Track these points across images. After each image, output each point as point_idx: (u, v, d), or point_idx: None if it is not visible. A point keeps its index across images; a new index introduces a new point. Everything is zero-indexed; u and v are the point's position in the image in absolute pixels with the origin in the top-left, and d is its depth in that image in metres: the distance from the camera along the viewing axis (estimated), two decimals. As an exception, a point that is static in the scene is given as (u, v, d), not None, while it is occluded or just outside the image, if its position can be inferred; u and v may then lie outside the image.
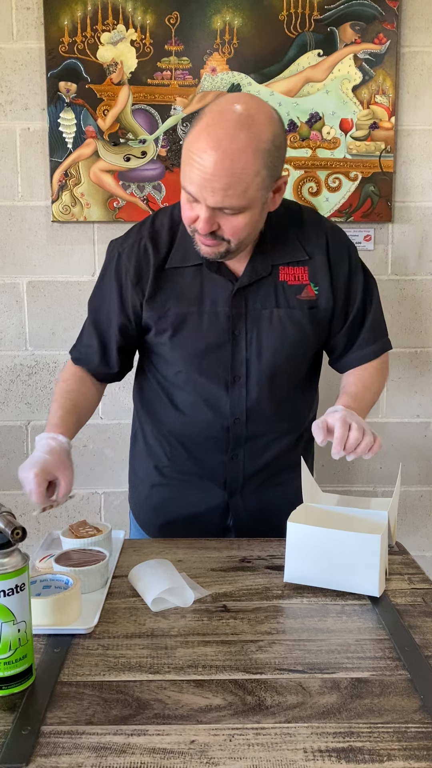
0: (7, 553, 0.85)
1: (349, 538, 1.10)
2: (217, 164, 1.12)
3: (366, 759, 0.73)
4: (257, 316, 1.34)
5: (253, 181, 1.15)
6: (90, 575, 1.10)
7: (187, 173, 1.16)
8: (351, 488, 2.20)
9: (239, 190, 1.15)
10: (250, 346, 1.35)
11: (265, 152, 1.15)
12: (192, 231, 1.25)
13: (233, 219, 1.19)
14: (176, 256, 1.34)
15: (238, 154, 1.12)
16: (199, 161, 1.13)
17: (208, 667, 0.91)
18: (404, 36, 2.00)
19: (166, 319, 1.34)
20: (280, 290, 1.34)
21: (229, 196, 1.15)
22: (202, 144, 1.13)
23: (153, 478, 1.50)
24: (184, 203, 1.22)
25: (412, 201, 2.08)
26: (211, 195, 1.15)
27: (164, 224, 1.36)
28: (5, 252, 2.08)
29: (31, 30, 1.97)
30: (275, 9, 1.95)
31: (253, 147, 1.13)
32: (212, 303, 1.33)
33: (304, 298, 1.35)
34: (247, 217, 1.20)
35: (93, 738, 0.77)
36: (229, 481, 1.43)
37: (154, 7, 1.94)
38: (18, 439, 2.16)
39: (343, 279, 1.37)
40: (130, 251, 1.35)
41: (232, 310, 1.33)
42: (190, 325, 1.34)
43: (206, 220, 1.18)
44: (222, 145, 1.12)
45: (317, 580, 1.13)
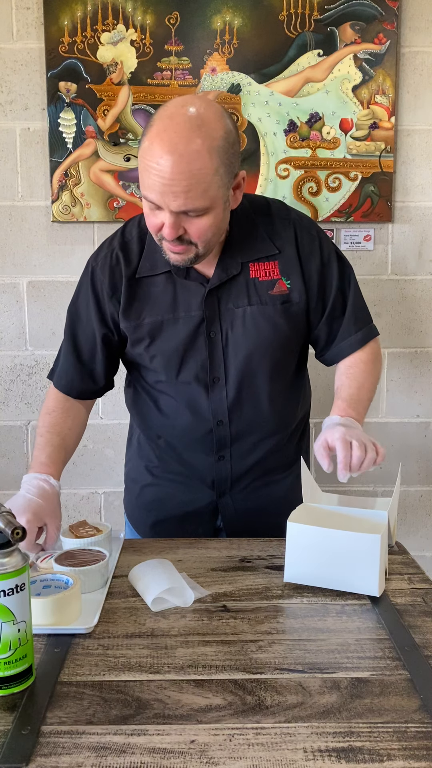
0: (7, 553, 0.85)
1: (349, 538, 1.10)
2: (174, 168, 1.12)
3: (366, 759, 0.73)
4: (231, 316, 1.33)
5: (212, 180, 1.15)
6: (90, 575, 1.10)
7: (146, 181, 1.16)
8: (351, 488, 2.19)
9: (200, 191, 1.14)
10: (226, 347, 1.34)
11: (220, 149, 1.15)
12: (159, 239, 1.24)
13: (198, 221, 1.19)
14: (145, 265, 1.34)
15: (194, 155, 1.12)
16: (156, 167, 1.13)
17: (208, 667, 0.91)
18: (404, 36, 2.00)
19: (141, 328, 1.34)
20: (251, 287, 1.33)
21: (191, 198, 1.15)
22: (157, 150, 1.12)
23: (144, 478, 1.50)
24: (147, 212, 1.21)
25: (412, 201, 2.08)
26: (173, 199, 1.15)
27: (133, 234, 1.36)
28: (5, 252, 2.08)
29: (31, 30, 1.97)
30: (275, 9, 1.95)
31: (207, 146, 1.13)
32: (186, 308, 1.33)
33: (276, 293, 1.34)
34: (211, 217, 1.19)
35: (93, 738, 0.77)
36: (216, 481, 1.43)
37: (154, 7, 1.94)
38: (18, 439, 2.16)
39: (316, 270, 1.35)
40: (104, 264, 1.36)
41: (206, 312, 1.33)
42: (166, 333, 1.34)
43: (171, 225, 1.18)
44: (177, 148, 1.11)
45: (317, 579, 1.13)
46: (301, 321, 1.38)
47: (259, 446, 1.42)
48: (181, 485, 1.46)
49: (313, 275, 1.36)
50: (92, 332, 1.39)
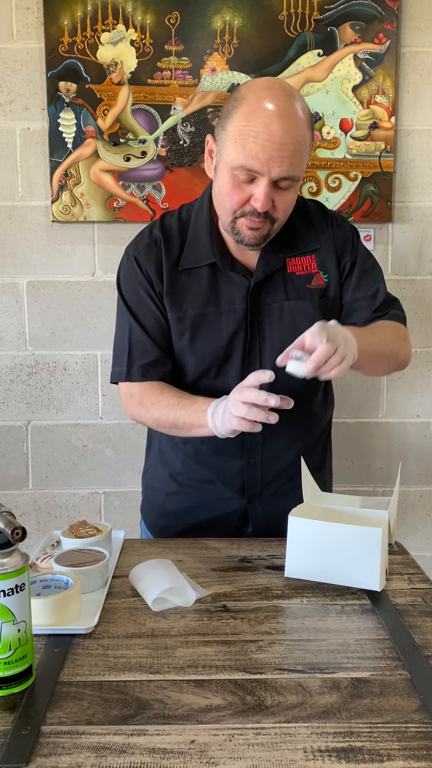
0: (7, 553, 0.85)
1: (351, 532, 1.10)
2: (286, 132, 1.14)
3: (366, 759, 0.73)
4: (268, 311, 1.34)
5: (307, 151, 1.21)
6: (90, 575, 1.10)
7: (248, 149, 1.16)
8: (351, 488, 2.19)
9: (299, 158, 1.18)
10: (263, 342, 1.34)
11: (310, 124, 1.21)
12: (235, 218, 1.24)
13: (286, 194, 1.21)
14: (189, 257, 1.33)
15: (300, 122, 1.17)
16: (265, 132, 1.14)
17: (208, 667, 0.91)
18: (404, 36, 2.00)
19: (184, 321, 1.33)
20: (289, 282, 1.34)
21: (294, 165, 1.18)
22: (264, 116, 1.15)
23: (168, 486, 1.47)
24: (232, 188, 1.21)
25: (412, 201, 2.08)
26: (279, 165, 1.16)
27: (173, 226, 1.36)
28: (5, 252, 2.08)
29: (31, 30, 1.97)
30: (275, 9, 1.95)
31: (305, 117, 1.19)
32: (229, 301, 1.33)
33: (314, 287, 1.34)
34: (295, 191, 1.23)
35: (93, 738, 0.77)
36: (247, 486, 1.40)
37: (154, 7, 1.94)
38: (18, 439, 2.16)
39: (350, 261, 1.37)
40: (147, 252, 1.35)
41: (250, 306, 1.33)
42: (209, 326, 1.33)
43: (267, 195, 1.18)
44: (284, 113, 1.15)
45: (318, 575, 1.14)
46: (336, 314, 1.38)
47: (288, 449, 1.40)
48: (209, 492, 1.42)
49: (347, 264, 1.37)
50: (157, 317, 1.35)
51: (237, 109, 1.18)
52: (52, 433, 2.16)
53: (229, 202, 1.23)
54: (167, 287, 1.33)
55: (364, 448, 2.21)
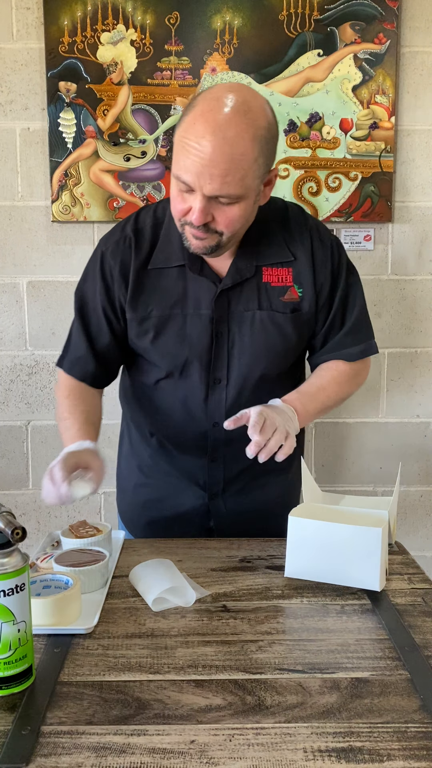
0: (7, 553, 0.85)
1: (351, 532, 1.10)
2: (216, 150, 1.09)
3: (366, 759, 0.73)
4: (240, 319, 1.31)
5: (250, 168, 1.13)
6: (90, 575, 1.10)
7: (182, 161, 1.13)
8: (351, 488, 2.20)
9: (237, 177, 1.12)
10: (232, 349, 1.32)
11: (262, 139, 1.14)
12: (182, 225, 1.21)
13: (228, 209, 1.16)
14: (159, 257, 1.31)
15: (237, 140, 1.10)
16: (197, 147, 1.10)
17: (208, 667, 0.91)
18: (404, 36, 2.00)
19: (148, 320, 1.32)
20: (263, 292, 1.31)
21: (227, 183, 1.12)
22: (199, 130, 1.10)
23: (137, 477, 1.49)
24: (176, 195, 1.18)
25: (412, 201, 2.08)
26: (209, 182, 1.12)
27: (147, 223, 1.33)
28: (5, 252, 2.08)
29: (31, 30, 1.97)
30: (275, 9, 1.95)
31: (251, 133, 1.11)
32: (195, 305, 1.31)
33: (287, 300, 1.32)
34: (242, 207, 1.17)
35: (93, 738, 0.77)
36: (209, 483, 1.42)
37: (154, 7, 1.94)
38: (18, 439, 2.16)
39: (326, 280, 1.34)
40: (115, 249, 1.33)
41: (216, 312, 1.30)
42: (172, 328, 1.32)
43: (201, 210, 1.15)
44: (221, 130, 1.09)
45: (318, 574, 1.14)
46: (308, 329, 1.37)
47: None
48: (173, 486, 1.44)
49: (324, 285, 1.34)
50: (102, 318, 1.35)
51: (185, 116, 1.15)
52: (52, 433, 2.16)
53: (174, 210, 1.21)
54: (133, 287, 1.31)
55: (364, 448, 2.21)
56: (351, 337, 1.38)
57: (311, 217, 1.39)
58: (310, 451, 2.20)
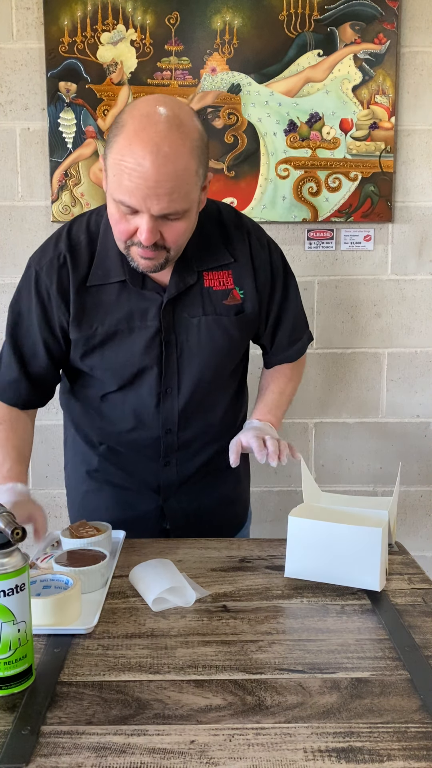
0: (7, 553, 0.85)
1: (351, 532, 1.10)
2: (160, 169, 1.06)
3: (366, 759, 0.73)
4: (186, 326, 1.29)
5: (192, 181, 1.11)
6: (90, 575, 1.10)
7: (123, 185, 1.09)
8: (351, 488, 2.20)
9: (183, 193, 1.10)
10: (180, 358, 1.31)
11: (198, 150, 1.11)
12: (128, 246, 1.18)
13: (175, 225, 1.14)
14: (97, 273, 1.27)
15: (177, 156, 1.07)
16: (138, 169, 1.06)
17: (208, 667, 0.91)
18: (404, 36, 2.00)
19: (94, 338, 1.28)
20: (206, 297, 1.29)
21: (174, 201, 1.10)
22: (138, 151, 1.06)
23: (87, 484, 1.46)
24: (118, 218, 1.14)
25: (412, 201, 2.08)
26: (156, 203, 1.09)
27: (81, 239, 1.28)
28: (5, 252, 2.08)
29: (31, 30, 1.97)
30: (275, 9, 1.95)
31: (188, 146, 1.09)
32: (141, 318, 1.27)
33: (230, 303, 1.31)
34: (188, 220, 1.16)
35: (93, 738, 0.77)
36: (163, 486, 1.41)
37: (154, 7, 1.94)
38: (18, 439, 2.16)
39: (266, 280, 1.34)
40: (50, 268, 1.27)
41: (163, 322, 1.28)
42: (119, 343, 1.28)
43: (150, 230, 1.11)
44: (161, 149, 1.06)
45: (318, 574, 1.14)
46: (253, 330, 1.38)
47: (205, 449, 1.41)
48: (125, 491, 1.43)
49: (264, 285, 1.34)
50: (37, 340, 1.30)
51: (116, 137, 1.10)
52: (52, 433, 2.16)
53: (117, 232, 1.17)
54: (75, 306, 1.27)
55: (364, 448, 2.21)
56: (292, 337, 1.44)
57: (245, 216, 1.37)
58: (310, 451, 2.20)
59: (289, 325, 1.41)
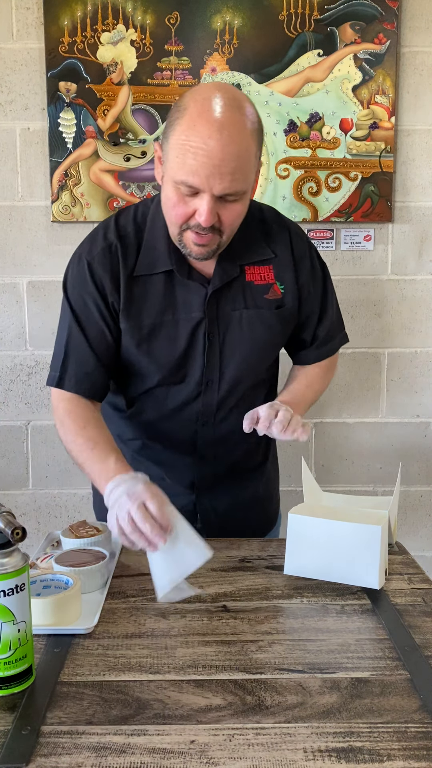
0: (7, 553, 0.85)
1: (351, 530, 1.10)
2: (225, 148, 1.10)
3: (366, 759, 0.73)
4: (228, 319, 1.31)
5: (252, 162, 1.16)
6: (90, 575, 1.10)
7: (187, 165, 1.11)
8: (351, 488, 2.20)
9: (245, 173, 1.14)
10: (223, 350, 1.32)
11: (257, 133, 1.16)
12: (182, 230, 1.19)
13: (232, 207, 1.17)
14: (144, 264, 1.28)
15: (242, 136, 1.12)
16: (204, 148, 1.10)
17: (208, 667, 0.91)
18: (404, 36, 2.00)
19: (141, 329, 1.29)
20: (247, 291, 1.32)
21: (236, 181, 1.13)
22: (203, 131, 1.10)
23: None
24: (176, 201, 1.16)
25: (412, 201, 2.08)
26: (219, 182, 1.12)
27: (129, 230, 1.29)
28: (5, 252, 2.08)
29: (31, 30, 1.97)
30: (275, 9, 1.95)
31: (249, 127, 1.13)
32: (186, 309, 1.29)
33: (270, 297, 1.33)
34: (244, 203, 1.19)
35: (93, 738, 0.77)
36: (197, 482, 1.41)
37: (154, 7, 1.94)
38: (18, 439, 2.16)
39: (306, 276, 1.36)
40: (102, 258, 1.28)
41: (207, 314, 1.30)
42: (165, 335, 1.29)
43: (210, 210, 1.14)
44: (226, 128, 1.10)
45: (317, 572, 1.14)
46: (291, 324, 1.38)
47: (239, 445, 1.40)
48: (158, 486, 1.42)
49: (304, 281, 1.36)
50: (103, 329, 1.29)
51: (178, 120, 1.13)
52: (52, 433, 2.16)
53: (174, 216, 1.19)
54: (125, 296, 1.28)
55: (364, 448, 2.21)
56: (329, 334, 1.43)
57: (285, 217, 1.41)
58: (310, 451, 2.20)
59: (327, 322, 1.42)
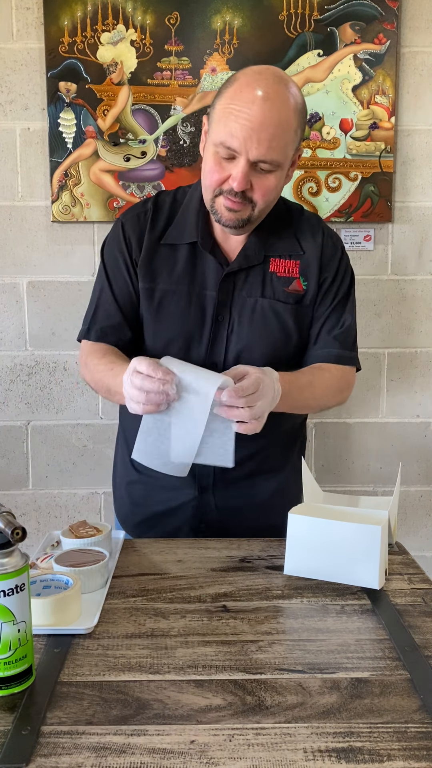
0: (7, 553, 0.85)
1: (350, 530, 1.10)
2: (266, 113, 1.16)
3: (366, 759, 0.73)
4: (242, 304, 1.34)
5: (291, 137, 1.21)
6: (90, 575, 1.10)
7: (229, 127, 1.18)
8: (351, 488, 2.20)
9: (282, 143, 1.19)
10: (231, 334, 1.34)
11: (300, 112, 1.22)
12: (215, 196, 1.25)
13: (265, 178, 1.22)
14: (173, 233, 1.35)
15: (283, 107, 1.18)
16: (247, 111, 1.16)
17: (208, 667, 0.91)
18: (404, 36, 2.00)
19: (153, 293, 1.35)
20: (267, 280, 1.34)
21: (272, 149, 1.18)
22: (248, 96, 1.17)
23: (130, 474, 1.48)
24: (213, 165, 1.23)
25: (412, 201, 2.08)
26: (256, 146, 1.17)
27: (166, 202, 1.39)
28: (5, 252, 2.08)
29: (31, 30, 1.97)
30: (275, 9, 1.95)
31: (292, 102, 1.20)
32: (201, 285, 1.34)
33: (291, 291, 1.35)
34: (277, 177, 1.23)
35: (93, 738, 0.77)
36: (198, 477, 1.40)
37: (154, 7, 1.94)
38: (18, 439, 2.16)
39: (330, 275, 1.37)
40: (134, 221, 1.37)
41: (219, 294, 1.33)
42: (176, 303, 1.34)
43: (244, 174, 1.19)
44: (269, 96, 1.17)
45: (317, 572, 1.14)
46: (306, 322, 1.38)
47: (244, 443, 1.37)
48: (164, 481, 1.39)
49: (327, 280, 1.37)
50: (129, 284, 1.38)
51: (227, 89, 1.21)
52: (52, 433, 2.16)
53: (209, 179, 1.25)
54: (144, 256, 1.35)
55: (364, 448, 2.21)
56: (343, 340, 1.39)
57: (325, 223, 1.44)
58: (310, 451, 2.20)
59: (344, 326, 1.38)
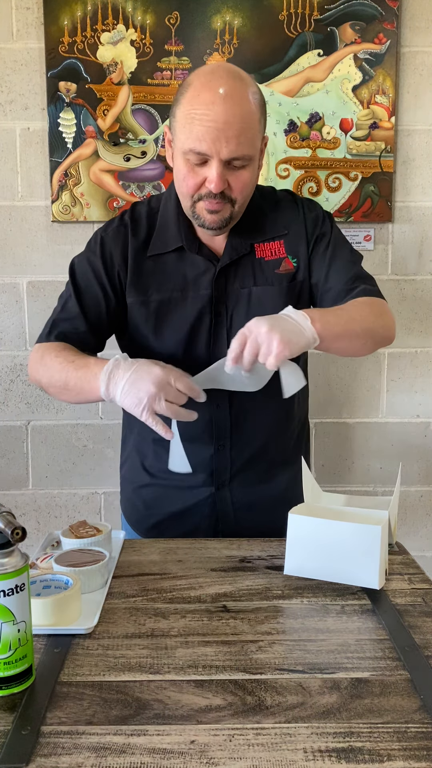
0: (7, 553, 0.85)
1: (350, 530, 1.10)
2: (229, 111, 1.16)
3: (366, 759, 0.73)
4: (236, 296, 1.34)
5: (256, 128, 1.21)
6: (90, 575, 1.10)
7: (195, 132, 1.18)
8: (351, 488, 2.20)
9: (249, 137, 1.19)
10: (230, 329, 1.34)
11: (259, 102, 1.23)
12: (194, 202, 1.25)
13: (241, 174, 1.22)
14: (157, 243, 1.35)
15: (244, 101, 1.19)
16: (209, 114, 1.16)
17: (208, 667, 0.91)
18: (404, 36, 2.00)
19: (148, 306, 1.35)
20: (257, 268, 1.35)
21: (242, 144, 1.19)
22: (206, 98, 1.17)
23: (141, 477, 1.48)
24: (186, 172, 1.23)
25: (412, 201, 2.08)
26: (226, 145, 1.18)
27: (142, 213, 1.39)
28: (5, 252, 2.08)
29: (31, 30, 1.97)
30: (275, 9, 1.95)
31: (250, 94, 1.21)
32: (195, 287, 1.34)
33: (282, 271, 1.35)
34: (251, 171, 1.24)
35: (93, 738, 0.77)
36: (215, 473, 1.41)
37: (154, 7, 1.94)
38: (18, 439, 2.16)
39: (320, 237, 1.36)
40: (115, 235, 1.37)
41: (215, 291, 1.34)
42: (174, 311, 1.34)
43: (220, 175, 1.20)
44: (228, 93, 1.17)
45: (317, 572, 1.14)
46: (306, 299, 1.38)
47: (258, 435, 1.40)
48: (179, 481, 1.42)
49: (320, 247, 1.37)
50: (97, 300, 1.36)
51: (184, 95, 1.21)
52: (52, 433, 2.16)
53: (185, 187, 1.25)
54: (132, 271, 1.35)
55: (364, 448, 2.21)
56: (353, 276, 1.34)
57: (299, 196, 1.45)
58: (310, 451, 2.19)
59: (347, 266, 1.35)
